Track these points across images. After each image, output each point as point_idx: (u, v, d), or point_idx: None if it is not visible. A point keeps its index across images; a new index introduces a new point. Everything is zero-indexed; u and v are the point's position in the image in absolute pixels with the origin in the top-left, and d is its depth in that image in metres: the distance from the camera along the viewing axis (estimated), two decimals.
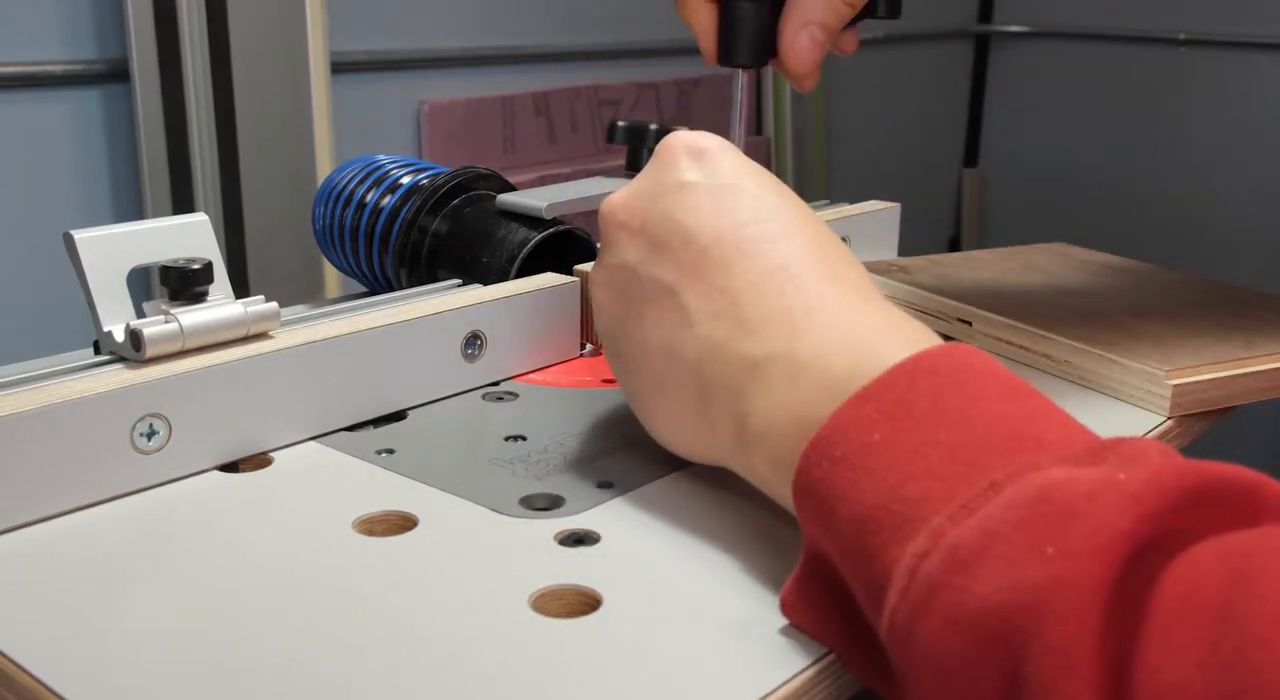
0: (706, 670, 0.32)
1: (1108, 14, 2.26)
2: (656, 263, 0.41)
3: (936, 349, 0.34)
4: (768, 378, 0.37)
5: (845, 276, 0.39)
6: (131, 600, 0.35)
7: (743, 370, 0.38)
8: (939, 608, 0.29)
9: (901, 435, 0.32)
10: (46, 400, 0.39)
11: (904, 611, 0.29)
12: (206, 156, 1.32)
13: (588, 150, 1.77)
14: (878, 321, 0.37)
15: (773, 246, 0.40)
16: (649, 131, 0.63)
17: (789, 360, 0.37)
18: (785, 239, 0.40)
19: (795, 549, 0.38)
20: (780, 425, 0.36)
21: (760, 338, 0.38)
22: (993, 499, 0.29)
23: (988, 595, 0.28)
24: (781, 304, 0.38)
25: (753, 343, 0.38)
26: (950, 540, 0.29)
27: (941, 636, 0.28)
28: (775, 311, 0.38)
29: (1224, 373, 0.53)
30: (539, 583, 0.36)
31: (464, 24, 1.62)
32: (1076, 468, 0.29)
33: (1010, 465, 0.30)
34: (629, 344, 0.42)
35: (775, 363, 0.37)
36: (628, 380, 0.43)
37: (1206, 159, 2.17)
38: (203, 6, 1.28)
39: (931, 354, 0.34)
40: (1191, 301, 0.64)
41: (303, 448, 0.46)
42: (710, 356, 0.39)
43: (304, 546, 0.38)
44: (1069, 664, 0.26)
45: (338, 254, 0.64)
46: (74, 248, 0.43)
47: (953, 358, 0.34)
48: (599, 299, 0.44)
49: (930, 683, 0.29)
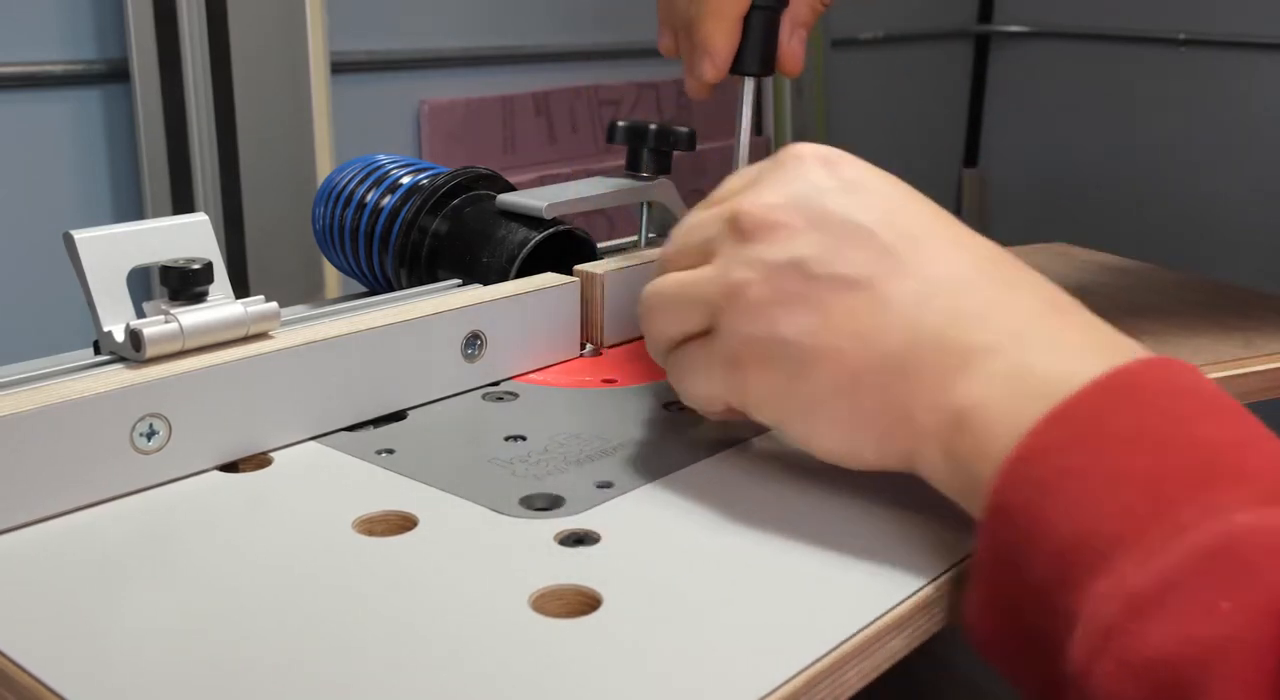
0: (706, 670, 0.32)
1: (1108, 14, 2.26)
2: (839, 258, 0.38)
3: (1139, 363, 0.34)
4: (987, 368, 0.36)
5: (1039, 279, 0.39)
6: (131, 600, 0.35)
7: (959, 357, 0.36)
8: (1115, 652, 0.29)
9: (1099, 461, 0.32)
10: (46, 400, 0.39)
11: (1084, 650, 0.30)
12: (206, 156, 1.32)
13: (588, 150, 1.77)
14: (1089, 331, 0.37)
15: (966, 244, 0.39)
16: (649, 131, 0.63)
17: (1012, 354, 0.36)
18: (966, 238, 0.40)
19: (795, 549, 0.38)
20: (997, 414, 0.35)
21: (981, 327, 0.36)
22: (1177, 545, 0.29)
23: (1160, 645, 0.28)
24: (997, 298, 0.37)
25: (973, 332, 0.36)
26: (1131, 585, 0.29)
27: (1115, 681, 0.29)
28: (992, 305, 0.37)
29: (1224, 373, 0.53)
30: (539, 583, 0.36)
31: (464, 24, 1.63)
32: (1268, 507, 0.29)
33: (1201, 504, 0.30)
34: (802, 345, 0.38)
35: (997, 354, 0.36)
36: (795, 386, 0.39)
37: (1206, 159, 2.17)
38: (203, 6, 1.29)
39: (1133, 370, 0.33)
40: (1191, 301, 0.64)
41: (303, 448, 0.46)
42: (917, 342, 0.37)
43: (304, 546, 0.38)
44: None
45: (338, 254, 0.64)
46: (74, 248, 0.43)
47: (1155, 375, 0.33)
48: (754, 297, 0.39)
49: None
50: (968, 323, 0.37)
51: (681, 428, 0.48)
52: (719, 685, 0.31)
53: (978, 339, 0.36)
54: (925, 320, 0.37)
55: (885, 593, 0.36)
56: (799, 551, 0.38)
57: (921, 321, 0.37)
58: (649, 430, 0.48)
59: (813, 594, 0.36)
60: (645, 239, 0.65)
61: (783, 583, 0.36)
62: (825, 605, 0.35)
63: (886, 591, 0.36)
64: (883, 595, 0.36)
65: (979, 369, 0.36)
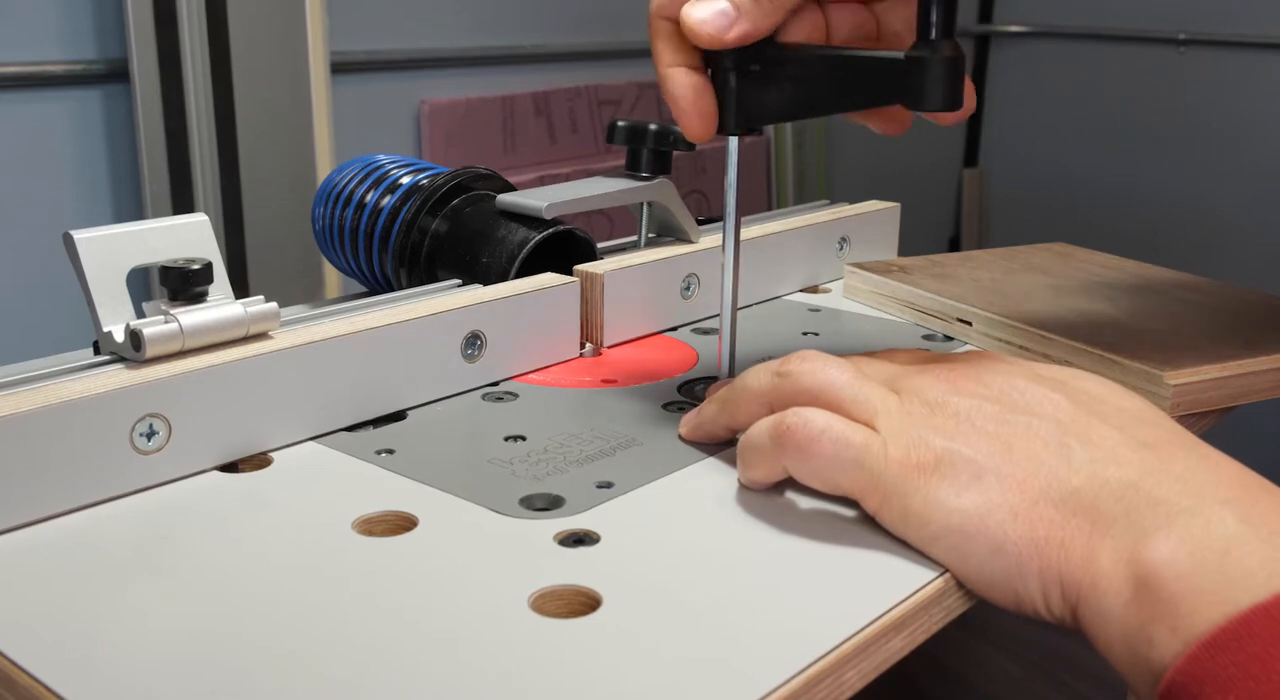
0: (706, 670, 0.32)
1: (1108, 14, 2.26)
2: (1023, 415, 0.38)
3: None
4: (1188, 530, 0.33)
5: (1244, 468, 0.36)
6: (131, 600, 0.35)
7: (1157, 514, 0.34)
8: None
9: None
10: (46, 400, 0.39)
11: None
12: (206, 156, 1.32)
13: (588, 150, 1.77)
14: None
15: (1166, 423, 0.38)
16: (649, 131, 0.63)
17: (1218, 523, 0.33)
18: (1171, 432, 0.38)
19: (795, 549, 0.38)
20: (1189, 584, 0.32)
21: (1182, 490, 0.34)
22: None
23: None
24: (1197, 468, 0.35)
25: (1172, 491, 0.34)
26: None
27: None
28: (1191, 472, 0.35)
29: (1224, 373, 0.53)
30: (539, 583, 0.36)
31: (464, 24, 1.63)
32: None
33: None
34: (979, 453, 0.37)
35: (1199, 518, 0.33)
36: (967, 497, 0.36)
37: (1206, 159, 2.17)
38: (203, 6, 1.29)
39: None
40: (1191, 301, 0.64)
41: (303, 448, 0.46)
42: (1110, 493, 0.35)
43: (304, 547, 0.38)
44: None
45: (338, 254, 0.64)
46: (74, 248, 0.43)
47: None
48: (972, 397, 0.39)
49: None
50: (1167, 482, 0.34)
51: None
52: (719, 685, 0.31)
53: (1179, 499, 0.34)
54: (1112, 473, 0.35)
55: (885, 593, 0.36)
56: (799, 551, 0.38)
57: (1107, 473, 0.35)
58: (649, 430, 0.48)
59: (812, 594, 0.36)
60: (645, 239, 0.65)
61: (782, 583, 0.36)
62: (825, 605, 0.35)
63: (886, 591, 0.36)
64: (883, 595, 0.36)
65: (1180, 528, 0.33)
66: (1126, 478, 0.35)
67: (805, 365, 0.41)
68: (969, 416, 0.38)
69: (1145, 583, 0.32)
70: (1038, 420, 0.37)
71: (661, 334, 0.61)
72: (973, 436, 0.37)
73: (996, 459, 0.36)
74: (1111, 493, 0.35)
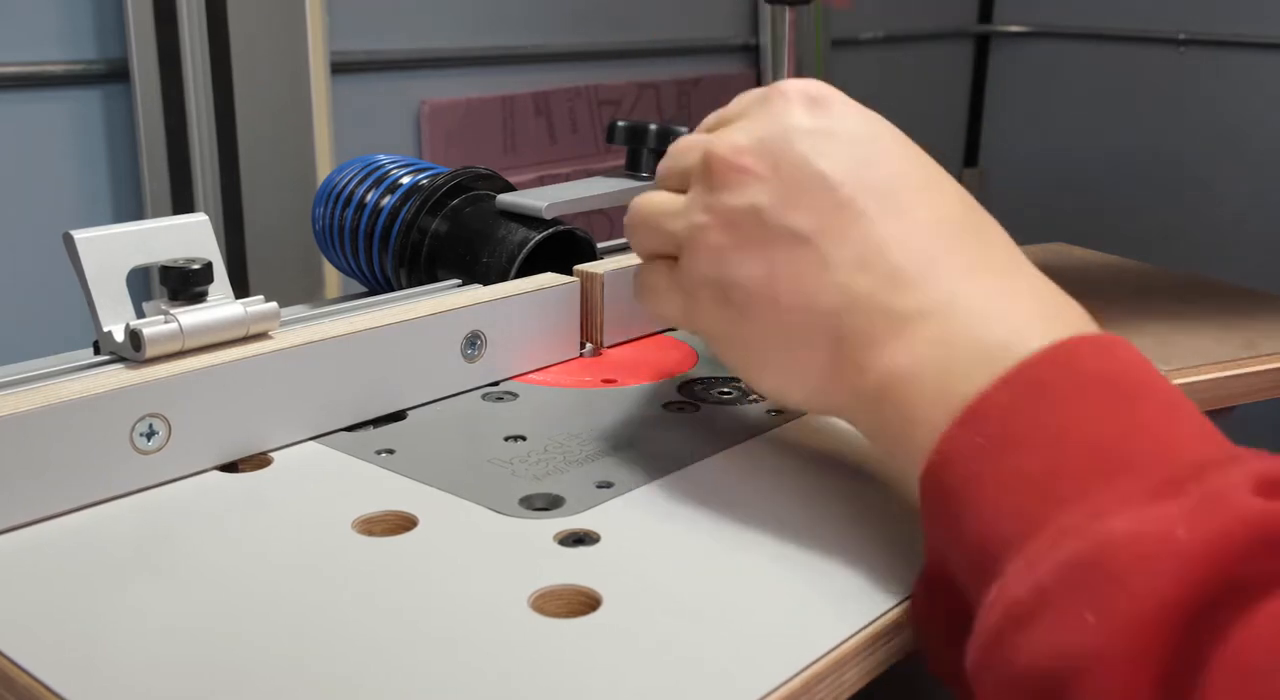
0: (706, 670, 0.32)
1: (1108, 14, 2.26)
2: (791, 209, 0.39)
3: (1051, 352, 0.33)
4: (913, 335, 0.36)
5: (996, 239, 0.38)
6: (131, 600, 0.35)
7: (887, 324, 0.36)
8: (995, 663, 0.29)
9: (998, 463, 0.32)
10: (46, 400, 0.39)
11: (974, 657, 0.30)
12: (206, 156, 1.32)
13: (588, 150, 1.77)
14: (1028, 293, 0.36)
15: (925, 197, 0.39)
16: (649, 131, 0.63)
17: (940, 322, 0.36)
18: (932, 192, 0.39)
19: (795, 549, 0.38)
20: (917, 385, 0.35)
21: (911, 294, 0.36)
22: (1054, 553, 0.29)
23: (1032, 657, 0.28)
24: (933, 260, 0.37)
25: (902, 297, 0.36)
26: (1011, 594, 0.29)
27: (996, 690, 0.29)
28: (926, 268, 0.37)
29: (1224, 373, 0.53)
30: (539, 583, 0.36)
31: (464, 24, 1.62)
32: (1150, 506, 0.29)
33: (1087, 504, 0.30)
34: (747, 290, 0.40)
35: (926, 321, 0.36)
36: (739, 328, 0.40)
37: (1206, 159, 2.17)
38: (203, 6, 1.29)
39: (1043, 362, 0.33)
40: (1191, 301, 0.64)
41: (303, 448, 0.46)
42: (852, 306, 0.37)
43: (304, 546, 0.38)
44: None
45: (338, 254, 0.64)
46: (74, 248, 0.43)
47: (1065, 365, 0.33)
48: (711, 241, 0.40)
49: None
50: (901, 288, 0.37)
51: (681, 428, 0.48)
52: (719, 685, 0.31)
53: (908, 304, 0.36)
54: (859, 284, 0.37)
55: (885, 592, 0.36)
56: (799, 551, 0.38)
57: (855, 285, 0.37)
58: (649, 430, 0.48)
59: (812, 594, 0.36)
60: None
61: (783, 582, 0.36)
62: (825, 605, 0.35)
63: (887, 591, 0.36)
64: (883, 595, 0.36)
65: (907, 334, 0.36)
66: (867, 290, 0.37)
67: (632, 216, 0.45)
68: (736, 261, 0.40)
69: (882, 392, 0.36)
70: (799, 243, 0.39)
71: (661, 334, 0.61)
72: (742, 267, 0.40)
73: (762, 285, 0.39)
74: (853, 307, 0.37)
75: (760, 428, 0.48)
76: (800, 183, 0.39)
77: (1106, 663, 0.26)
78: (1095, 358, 0.33)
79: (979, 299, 0.36)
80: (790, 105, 0.41)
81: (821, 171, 0.39)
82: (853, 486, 0.43)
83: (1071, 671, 0.27)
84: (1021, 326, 0.34)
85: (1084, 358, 0.33)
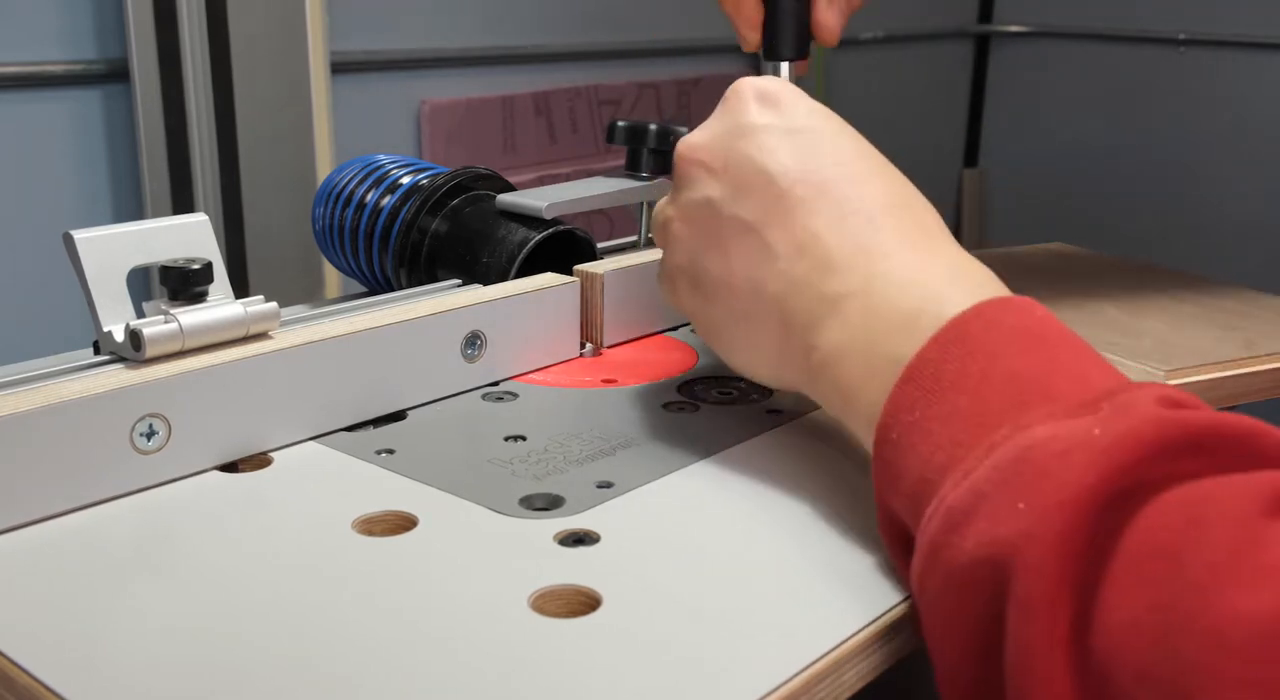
0: (706, 670, 0.32)
1: (1108, 14, 2.26)
2: (739, 202, 0.43)
3: (973, 310, 0.36)
4: (843, 314, 0.39)
5: (921, 220, 0.42)
6: (131, 600, 0.35)
7: (822, 306, 0.40)
8: (939, 567, 0.32)
9: (933, 407, 0.35)
10: (46, 400, 0.39)
11: (917, 570, 0.33)
12: (206, 156, 1.32)
13: (588, 150, 1.77)
14: (946, 266, 0.39)
15: (853, 188, 0.42)
16: (649, 131, 0.63)
17: (864, 300, 0.39)
18: (864, 181, 0.42)
19: (795, 549, 0.39)
20: (850, 358, 0.39)
21: (840, 277, 0.40)
22: (986, 461, 0.32)
23: (971, 550, 0.30)
24: (860, 244, 0.40)
25: (833, 281, 0.40)
26: (948, 502, 0.32)
27: (941, 592, 0.32)
28: (854, 252, 0.40)
29: (1224, 373, 0.53)
30: (539, 583, 0.36)
31: (464, 24, 1.62)
32: (1068, 420, 0.32)
33: (1010, 426, 0.32)
34: (710, 276, 0.44)
35: (852, 300, 0.39)
36: (708, 311, 0.45)
37: (1206, 159, 2.17)
38: (203, 6, 1.29)
39: (965, 318, 0.36)
40: (1191, 301, 0.64)
41: (303, 448, 0.46)
42: (792, 291, 0.41)
43: (304, 546, 0.38)
44: (1034, 610, 0.28)
45: (338, 254, 0.64)
46: (74, 248, 0.43)
47: (985, 319, 0.36)
48: (677, 232, 0.45)
49: (939, 634, 0.32)
50: (831, 271, 0.40)
51: (681, 428, 0.48)
52: (719, 685, 0.31)
53: (837, 286, 0.40)
54: (798, 270, 0.41)
55: (886, 592, 0.36)
56: (799, 551, 0.38)
57: (793, 271, 0.41)
58: (649, 430, 0.48)
59: (812, 594, 0.36)
60: (645, 239, 0.65)
61: (782, 582, 0.36)
62: (825, 605, 0.35)
63: (887, 590, 0.36)
64: (883, 595, 0.36)
65: (837, 314, 0.40)
66: (804, 276, 0.41)
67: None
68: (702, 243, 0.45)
69: (823, 369, 0.40)
70: (746, 232, 0.43)
71: (661, 334, 0.61)
72: (705, 256, 0.44)
73: (721, 273, 0.44)
74: (793, 292, 0.41)
75: (760, 428, 0.48)
76: (746, 176, 0.43)
77: (1039, 541, 0.29)
78: (1012, 314, 0.36)
79: (900, 273, 0.39)
80: (743, 102, 0.45)
81: (764, 165, 0.42)
82: (852, 487, 0.43)
83: (1007, 555, 0.29)
84: (940, 293, 0.38)
85: (1002, 314, 0.36)
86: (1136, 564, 0.28)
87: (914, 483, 0.34)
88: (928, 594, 0.33)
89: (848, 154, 0.43)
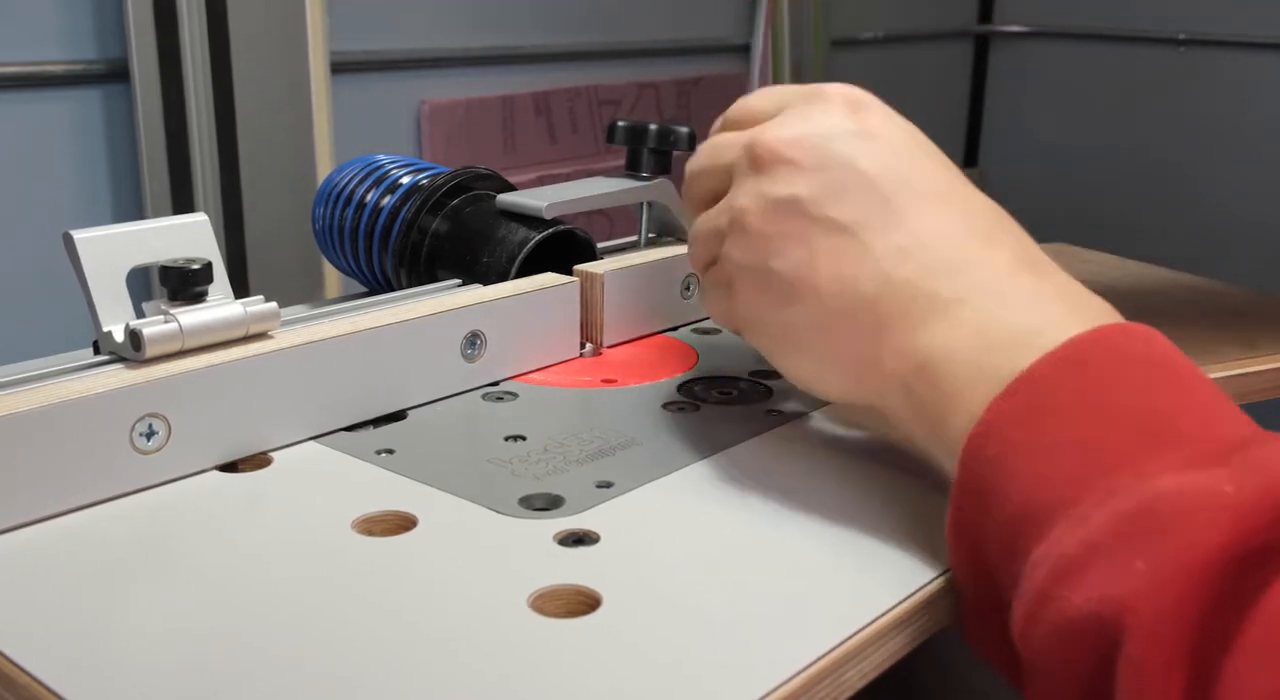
0: (706, 670, 0.32)
1: (1108, 14, 2.26)
2: (833, 202, 0.41)
3: (1092, 334, 0.34)
4: (954, 317, 0.37)
5: (1026, 243, 0.40)
6: (131, 600, 0.35)
7: (928, 308, 0.38)
8: (1046, 616, 0.30)
9: (1044, 433, 0.33)
10: (46, 400, 0.39)
11: (1021, 615, 0.31)
12: (206, 156, 1.32)
13: (588, 150, 1.78)
14: (1064, 290, 0.38)
15: (958, 200, 0.41)
16: (649, 131, 0.63)
17: (978, 308, 0.37)
18: (966, 200, 0.41)
19: (795, 549, 0.38)
20: (957, 362, 0.36)
21: (950, 282, 0.38)
22: (1103, 509, 0.30)
23: (1081, 605, 0.29)
24: (971, 258, 0.39)
25: (942, 285, 0.38)
26: (1060, 549, 0.30)
27: (1047, 643, 0.30)
28: (965, 263, 0.39)
29: (1224, 373, 0.53)
30: (538, 583, 0.36)
31: (464, 24, 1.63)
32: (1197, 471, 0.30)
33: (1133, 471, 0.31)
34: (785, 276, 0.41)
35: (963, 307, 0.37)
36: (779, 315, 0.42)
37: (1206, 159, 2.17)
38: (203, 6, 1.29)
39: (1085, 341, 0.34)
40: (1191, 301, 0.64)
41: (303, 448, 0.46)
42: (890, 291, 0.39)
43: (303, 546, 0.38)
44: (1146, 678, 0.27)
45: (338, 254, 0.64)
46: (74, 248, 0.43)
47: (1107, 345, 0.34)
48: (752, 227, 0.42)
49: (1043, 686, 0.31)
50: (941, 276, 0.38)
51: (681, 428, 0.48)
52: (718, 685, 0.31)
53: (948, 290, 0.38)
54: (900, 272, 0.39)
55: (885, 592, 0.36)
56: (799, 551, 0.38)
57: (896, 272, 0.39)
58: (649, 430, 0.48)
59: (812, 593, 0.36)
60: (645, 239, 0.65)
61: (782, 582, 0.36)
62: (825, 605, 0.35)
63: (887, 590, 0.36)
64: (883, 595, 0.36)
65: (946, 318, 0.37)
66: (906, 277, 0.39)
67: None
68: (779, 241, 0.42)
69: (920, 372, 0.37)
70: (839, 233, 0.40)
71: (661, 334, 0.61)
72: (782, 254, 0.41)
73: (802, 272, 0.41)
74: (893, 293, 0.39)
75: (760, 428, 0.48)
76: (842, 179, 0.41)
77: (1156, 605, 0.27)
78: (1136, 342, 0.35)
79: (1014, 290, 0.38)
80: (832, 106, 0.43)
81: (863, 170, 0.41)
82: (852, 487, 0.43)
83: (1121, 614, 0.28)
84: (1057, 316, 0.36)
85: (1126, 341, 0.34)
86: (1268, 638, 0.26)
87: (1015, 510, 0.33)
88: (1032, 643, 0.31)
89: (942, 170, 0.42)
